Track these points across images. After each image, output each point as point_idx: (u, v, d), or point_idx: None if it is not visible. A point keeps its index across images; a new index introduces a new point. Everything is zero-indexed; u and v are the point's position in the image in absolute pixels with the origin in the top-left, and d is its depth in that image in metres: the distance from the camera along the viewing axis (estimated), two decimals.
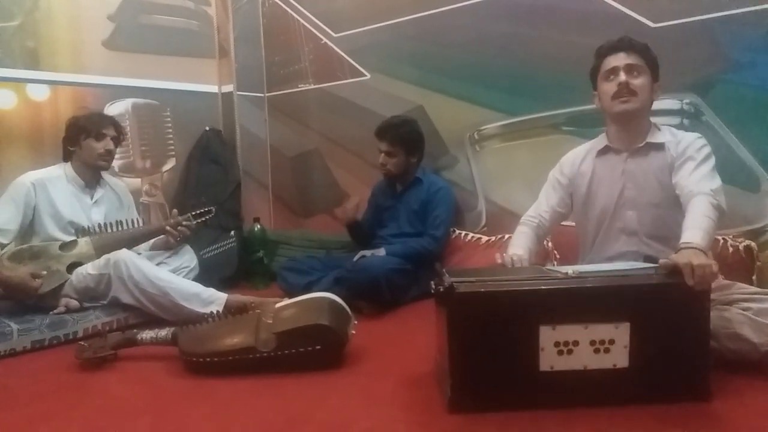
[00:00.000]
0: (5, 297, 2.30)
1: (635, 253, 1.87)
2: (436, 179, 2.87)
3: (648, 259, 1.65)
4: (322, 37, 3.54)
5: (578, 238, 2.11)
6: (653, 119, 1.93)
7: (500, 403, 1.42)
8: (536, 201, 2.13)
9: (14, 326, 2.11)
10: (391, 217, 2.91)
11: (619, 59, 1.85)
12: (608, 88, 1.87)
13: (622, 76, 1.82)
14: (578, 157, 2.04)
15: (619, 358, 1.41)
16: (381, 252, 2.62)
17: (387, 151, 2.79)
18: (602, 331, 1.40)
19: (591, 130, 2.52)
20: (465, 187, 2.96)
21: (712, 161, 1.79)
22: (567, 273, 1.49)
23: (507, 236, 2.71)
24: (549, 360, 1.41)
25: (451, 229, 2.88)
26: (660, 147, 1.86)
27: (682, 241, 1.54)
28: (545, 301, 1.42)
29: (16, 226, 2.36)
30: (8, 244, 2.34)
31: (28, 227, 2.43)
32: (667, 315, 1.41)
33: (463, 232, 2.90)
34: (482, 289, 1.42)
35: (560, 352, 1.40)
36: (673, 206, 1.79)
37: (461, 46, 2.95)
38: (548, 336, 1.40)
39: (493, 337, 1.42)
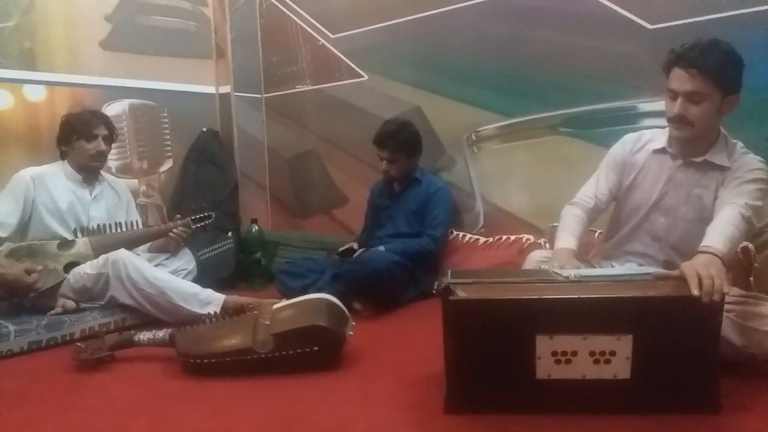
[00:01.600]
0: (3, 297, 2.29)
1: (654, 259, 1.85)
2: (434, 179, 2.88)
3: (667, 264, 1.63)
4: (319, 38, 3.54)
5: (608, 223, 2.06)
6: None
7: (497, 406, 1.42)
8: (591, 181, 2.01)
9: (11, 327, 2.10)
10: (389, 217, 2.91)
11: (682, 81, 1.68)
12: (667, 106, 1.76)
13: (678, 107, 1.70)
14: (635, 144, 1.95)
15: (620, 369, 1.38)
16: (380, 249, 2.63)
17: (389, 158, 2.79)
18: (603, 342, 1.37)
19: (590, 131, 2.53)
20: (463, 188, 2.96)
21: (760, 185, 1.70)
22: (568, 277, 1.47)
23: (505, 237, 2.72)
24: (546, 368, 1.39)
25: (449, 230, 2.88)
26: (719, 167, 1.77)
27: (702, 244, 1.50)
28: (542, 311, 1.39)
29: (16, 219, 2.36)
30: (7, 237, 2.33)
31: (27, 222, 2.42)
32: (675, 327, 1.37)
33: (461, 233, 2.90)
34: (477, 297, 1.41)
35: (558, 362, 1.39)
36: (706, 225, 1.69)
37: (459, 48, 2.95)
38: (545, 345, 1.38)
39: (489, 343, 1.41)
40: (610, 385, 1.39)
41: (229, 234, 3.36)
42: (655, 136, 1.94)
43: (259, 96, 3.84)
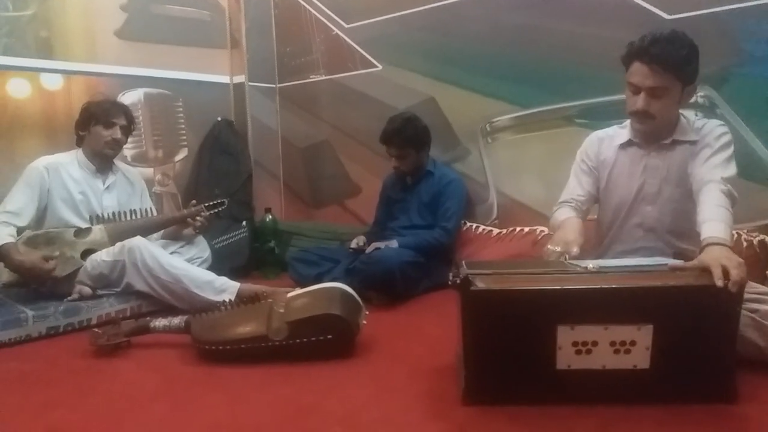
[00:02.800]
0: (22, 283, 2.33)
1: (653, 249, 1.85)
2: (447, 171, 2.87)
3: (678, 254, 1.62)
4: (333, 27, 3.53)
5: (595, 228, 2.08)
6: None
7: (515, 397, 1.42)
8: (569, 186, 2.03)
9: (30, 313, 2.13)
10: (402, 209, 2.90)
11: (643, 76, 1.70)
12: (628, 99, 1.79)
13: (640, 102, 1.73)
14: (602, 143, 1.98)
15: (639, 359, 1.38)
16: (393, 244, 2.62)
17: (397, 155, 2.79)
18: (623, 332, 1.37)
19: (605, 122, 2.51)
20: (476, 179, 2.96)
21: (729, 150, 1.73)
22: (587, 267, 1.47)
23: (519, 228, 2.71)
24: (566, 359, 1.39)
25: (463, 222, 2.88)
26: (688, 142, 1.80)
27: (706, 236, 1.49)
28: (564, 302, 1.39)
29: (33, 209, 2.38)
30: (25, 226, 2.35)
31: (43, 211, 2.44)
32: (695, 317, 1.36)
33: (475, 225, 2.90)
34: (497, 287, 1.40)
35: (578, 352, 1.38)
36: (693, 200, 1.74)
37: (474, 37, 2.93)
38: (566, 335, 1.38)
39: (509, 334, 1.40)
40: (629, 375, 1.39)
41: (243, 223, 3.38)
42: (616, 131, 1.97)
43: (273, 86, 3.84)
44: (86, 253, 2.38)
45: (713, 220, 1.54)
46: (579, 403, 1.39)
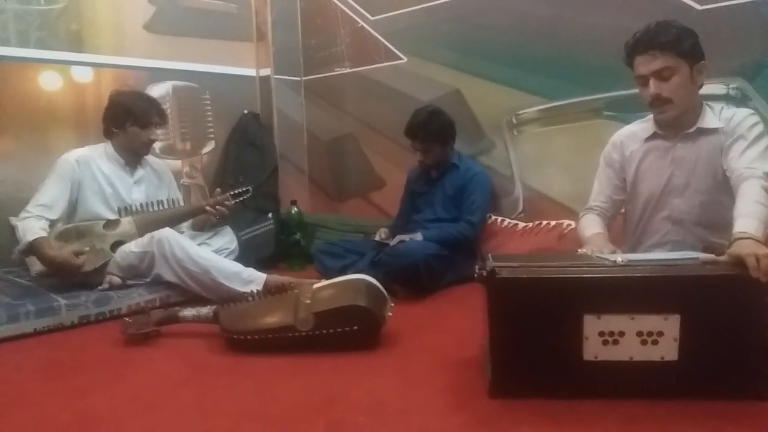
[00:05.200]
0: (52, 274, 2.38)
1: (681, 242, 1.83)
2: (472, 164, 2.85)
3: (707, 248, 1.60)
4: (358, 20, 3.53)
5: (623, 223, 2.07)
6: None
7: (542, 389, 1.41)
8: (595, 188, 2.04)
9: (62, 302, 2.18)
10: (427, 202, 2.90)
11: (646, 64, 1.74)
12: (642, 93, 1.80)
13: (652, 88, 1.74)
14: (626, 139, 1.97)
15: (667, 350, 1.36)
16: (418, 237, 2.62)
17: (421, 148, 2.78)
18: (650, 322, 1.35)
19: (633, 114, 2.47)
20: (502, 172, 2.94)
21: (765, 140, 1.70)
22: (616, 261, 1.45)
23: (545, 222, 2.69)
24: (593, 349, 1.38)
25: (487, 215, 2.86)
26: (713, 131, 1.78)
27: (736, 230, 1.47)
28: (590, 290, 1.38)
29: (64, 202, 2.42)
30: (57, 219, 2.40)
31: (75, 204, 2.48)
32: (723, 308, 1.34)
33: (500, 218, 2.88)
34: (524, 276, 1.40)
35: (605, 342, 1.37)
36: (723, 192, 1.73)
37: (499, 29, 2.91)
38: (593, 325, 1.37)
39: (535, 324, 1.39)
40: (657, 368, 1.37)
41: (269, 215, 3.41)
42: (638, 127, 1.96)
43: (299, 79, 3.86)
44: (116, 245, 2.43)
45: (747, 216, 1.51)
46: (606, 395, 1.38)
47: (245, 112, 3.69)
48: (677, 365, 1.36)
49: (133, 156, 2.63)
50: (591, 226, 1.93)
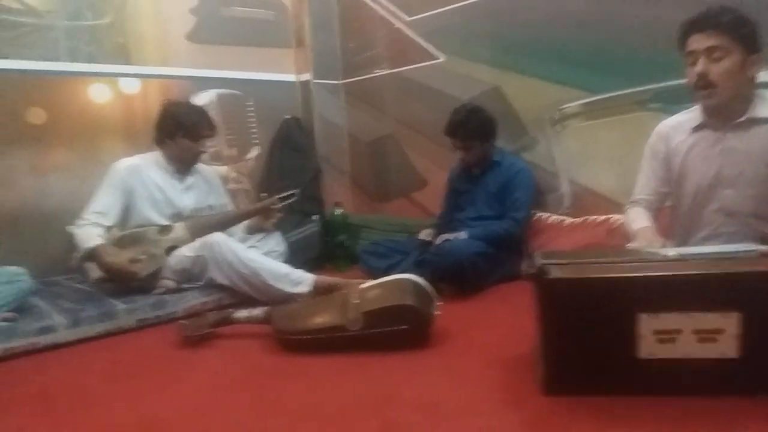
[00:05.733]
0: (111, 279, 2.47)
1: (735, 234, 1.77)
2: (515, 161, 2.83)
3: (764, 240, 1.56)
4: (395, 21, 3.54)
5: (670, 216, 2.02)
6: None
7: (596, 388, 1.39)
8: (639, 180, 2.01)
9: (121, 306, 2.26)
10: (469, 200, 2.88)
11: (698, 41, 1.69)
12: (689, 74, 1.74)
13: (700, 65, 1.68)
14: (672, 130, 1.92)
15: (727, 348, 1.32)
16: (462, 235, 2.61)
17: (462, 147, 2.77)
18: (708, 320, 1.32)
19: (679, 106, 2.41)
20: (545, 168, 2.91)
21: None
22: (668, 256, 1.43)
23: (592, 217, 2.66)
24: (648, 348, 1.36)
25: (532, 211, 2.84)
26: (765, 121, 1.72)
27: None
28: (644, 289, 1.36)
29: (118, 209, 2.50)
30: (112, 226, 2.48)
31: (127, 210, 2.56)
32: None
33: (546, 214, 2.85)
34: (575, 276, 1.39)
35: (661, 340, 1.35)
36: None
37: (538, 24, 2.88)
38: (648, 323, 1.34)
39: (587, 323, 1.38)
40: (715, 366, 1.34)
41: (314, 217, 3.45)
42: (684, 117, 1.90)
43: (338, 82, 3.90)
44: (170, 250, 2.50)
45: None
46: (662, 394, 1.36)
47: (287, 117, 3.75)
48: (737, 362, 1.33)
49: (182, 164, 2.70)
50: (638, 219, 1.90)
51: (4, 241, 2.64)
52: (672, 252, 1.45)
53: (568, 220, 2.77)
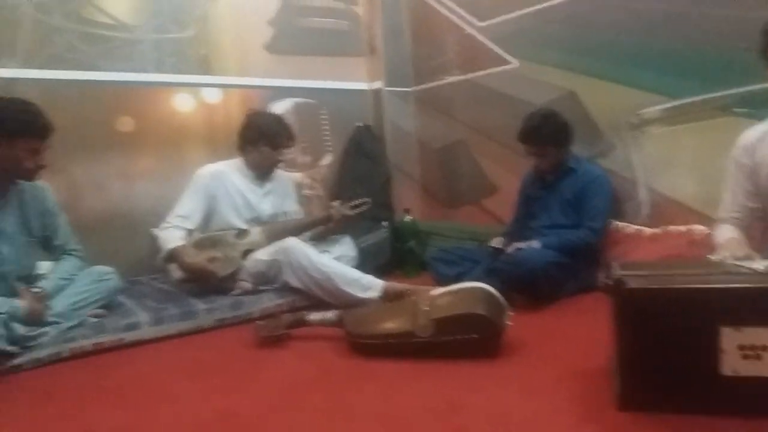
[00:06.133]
0: (191, 280, 2.58)
1: None
2: (591, 168, 2.75)
3: None
4: (466, 27, 3.53)
5: (762, 231, 1.89)
6: None
7: (674, 404, 1.34)
8: (725, 195, 1.90)
9: (201, 306, 2.37)
10: (543, 207, 2.82)
11: None
12: None
13: None
14: (758, 142, 1.81)
15: None
16: (535, 244, 2.56)
17: (536, 153, 2.71)
18: None
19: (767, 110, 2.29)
20: (623, 174, 2.81)
21: None
22: (756, 269, 1.36)
23: (672, 228, 2.55)
24: (731, 364, 1.29)
25: (610, 221, 2.75)
26: None
27: None
28: (728, 301, 1.30)
29: (200, 213, 2.63)
30: (194, 229, 2.61)
31: (209, 214, 2.68)
32: None
33: (623, 224, 2.75)
34: (654, 286, 1.34)
35: (745, 356, 1.28)
36: None
37: (616, 27, 2.79)
38: (731, 338, 1.28)
39: (666, 336, 1.33)
40: None
41: (384, 223, 3.48)
42: None
43: (409, 90, 3.93)
44: (246, 253, 2.60)
45: None
46: (745, 414, 1.29)
47: (359, 124, 3.81)
48: None
49: (262, 171, 2.81)
50: (725, 233, 1.81)
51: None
52: (760, 265, 1.38)
53: (647, 229, 2.66)
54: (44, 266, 2.29)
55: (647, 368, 1.36)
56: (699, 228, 2.42)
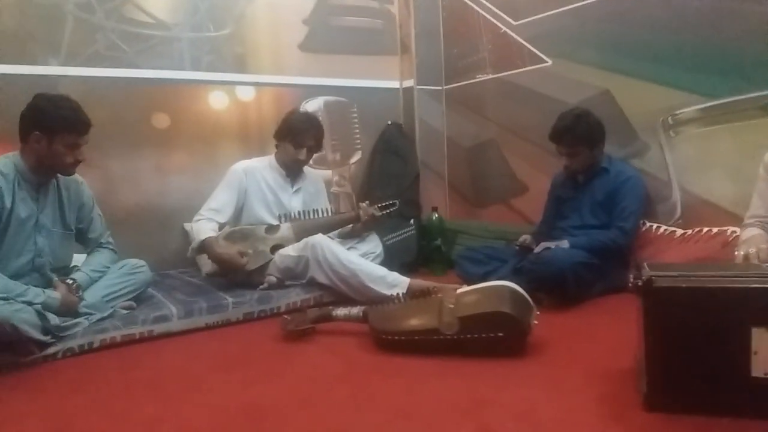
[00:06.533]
0: (221, 274, 2.63)
1: None
2: (624, 168, 2.70)
3: None
4: (501, 25, 3.51)
5: None
6: None
7: (702, 405, 1.32)
8: (753, 201, 1.91)
9: (230, 299, 2.41)
10: (573, 208, 2.79)
11: None
12: None
13: None
14: None
15: None
16: (564, 244, 2.53)
17: (568, 153, 2.68)
18: None
19: None
20: (657, 175, 2.75)
21: None
22: None
23: (706, 229, 2.49)
24: (763, 365, 1.26)
25: (641, 221, 2.70)
26: None
27: None
28: (760, 301, 1.27)
29: (232, 208, 2.69)
30: (225, 223, 2.66)
31: (241, 209, 2.74)
32: None
33: (655, 225, 2.70)
34: (684, 285, 1.32)
35: None
36: None
37: (652, 25, 2.74)
38: (763, 339, 1.26)
39: (696, 337, 1.31)
40: None
41: (411, 221, 3.49)
42: None
43: (440, 88, 3.92)
44: (275, 248, 2.64)
45: None
46: None
47: (389, 122, 3.83)
48: None
49: (289, 168, 2.84)
50: (751, 231, 1.80)
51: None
52: None
53: (680, 231, 2.61)
54: (78, 258, 2.36)
55: (676, 369, 1.34)
56: (733, 230, 2.36)
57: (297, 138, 2.75)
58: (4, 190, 2.01)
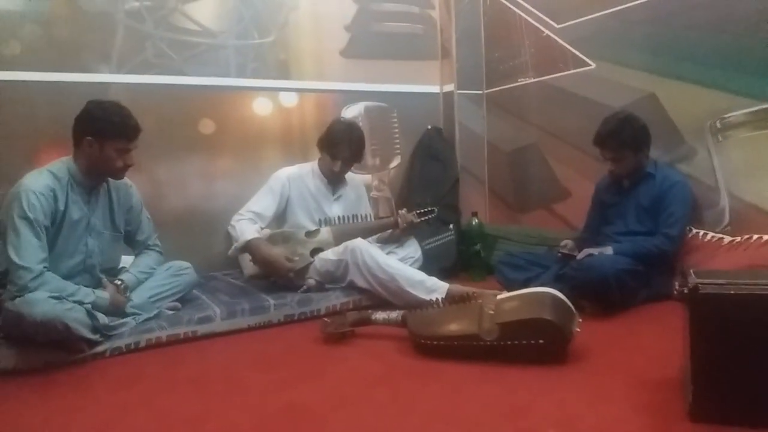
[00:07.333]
0: (263, 276, 2.68)
1: None
2: (670, 173, 2.64)
3: None
4: (543, 29, 3.48)
5: None
6: None
7: (750, 417, 1.28)
8: None
9: (271, 301, 2.45)
10: (618, 214, 2.73)
11: None
12: None
13: None
14: None
15: None
16: (608, 250, 2.48)
17: (612, 158, 2.62)
18: None
19: None
20: (704, 181, 2.68)
21: None
22: None
23: (756, 236, 2.41)
24: None
25: (688, 228, 2.63)
26: None
27: None
28: None
29: (272, 212, 2.75)
30: (265, 226, 2.71)
31: (282, 214, 2.80)
32: None
33: (702, 232, 2.63)
34: (731, 292, 1.29)
35: None
36: None
37: (700, 27, 2.67)
38: None
39: (743, 345, 1.28)
40: None
41: (451, 226, 3.47)
42: None
43: (481, 92, 3.91)
44: (315, 251, 2.68)
45: None
46: None
47: (429, 127, 3.83)
48: None
49: (328, 176, 2.88)
50: None
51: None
52: None
53: (728, 238, 2.53)
54: (126, 260, 2.44)
55: (722, 379, 1.31)
56: None
57: (333, 150, 2.80)
58: (58, 194, 2.09)
